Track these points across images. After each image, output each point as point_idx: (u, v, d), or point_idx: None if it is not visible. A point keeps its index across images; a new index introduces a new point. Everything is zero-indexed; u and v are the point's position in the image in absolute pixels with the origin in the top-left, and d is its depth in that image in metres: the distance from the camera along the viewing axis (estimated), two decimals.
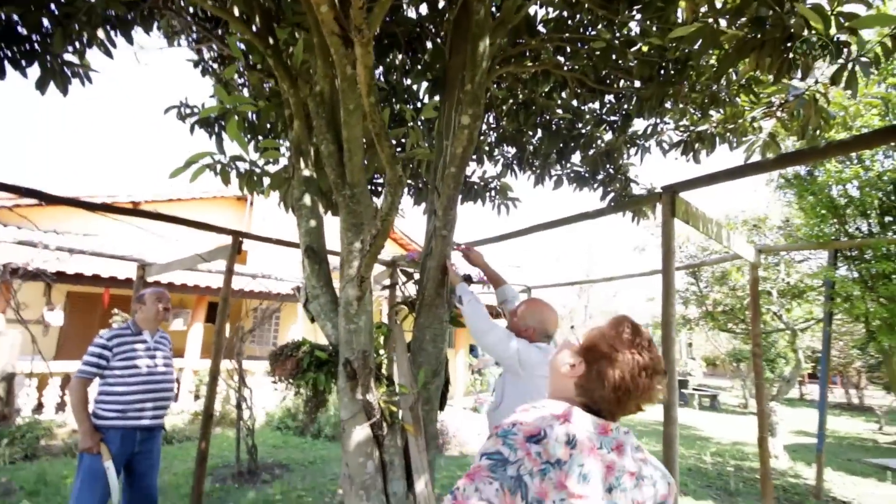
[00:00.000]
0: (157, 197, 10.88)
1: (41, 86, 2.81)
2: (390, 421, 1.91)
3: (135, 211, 3.64)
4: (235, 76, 3.98)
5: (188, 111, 3.66)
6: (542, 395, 1.11)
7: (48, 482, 3.95)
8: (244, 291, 7.05)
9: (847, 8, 1.97)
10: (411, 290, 2.96)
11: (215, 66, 3.92)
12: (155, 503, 2.73)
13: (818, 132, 2.93)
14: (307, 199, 2.31)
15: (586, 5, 2.81)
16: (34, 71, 2.66)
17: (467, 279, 2.40)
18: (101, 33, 2.79)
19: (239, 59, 3.00)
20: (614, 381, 0.92)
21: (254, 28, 2.36)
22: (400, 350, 2.19)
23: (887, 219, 3.95)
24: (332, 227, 2.43)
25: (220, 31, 3.44)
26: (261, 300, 5.62)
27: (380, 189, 3.93)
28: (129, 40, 3.03)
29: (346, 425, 1.85)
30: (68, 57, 2.89)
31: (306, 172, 2.36)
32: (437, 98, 3.47)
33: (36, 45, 2.69)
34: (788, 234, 6.13)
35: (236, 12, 2.33)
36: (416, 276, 2.47)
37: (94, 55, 3.03)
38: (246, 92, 3.84)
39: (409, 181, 3.50)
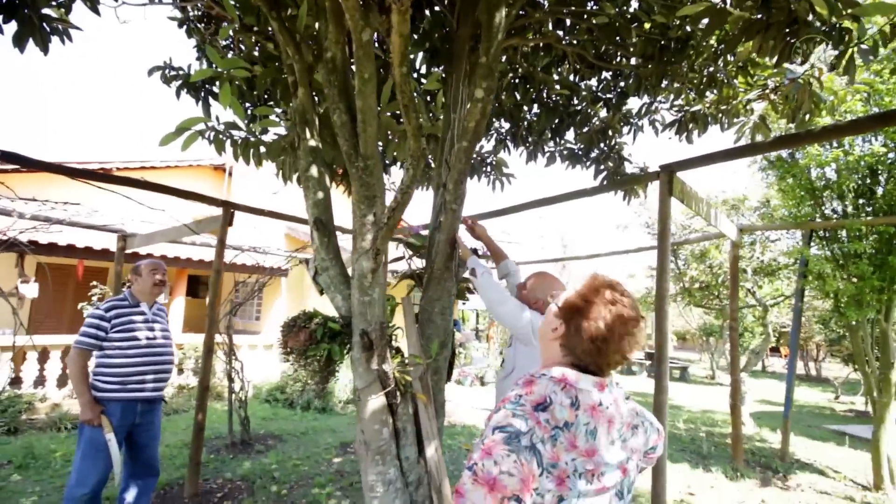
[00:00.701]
0: (128, 164, 10.42)
1: (19, 42, 2.63)
2: (403, 390, 1.96)
3: (123, 179, 3.50)
4: (221, 40, 3.80)
5: (173, 73, 3.49)
6: None
7: (36, 455, 3.90)
8: (229, 264, 6.93)
9: None
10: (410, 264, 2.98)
11: (200, 25, 3.73)
12: (157, 474, 2.74)
13: (808, 116, 3.04)
14: (314, 171, 2.27)
15: None
16: (9, 27, 2.48)
17: (474, 253, 2.44)
18: None
19: (233, 20, 2.86)
20: (591, 332, 0.95)
21: None
22: (409, 322, 2.23)
23: (861, 201, 4.15)
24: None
25: None
26: (249, 273, 5.54)
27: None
28: None
29: (361, 394, 1.90)
30: (47, 11, 2.70)
31: (312, 142, 2.31)
32: (435, 69, 3.41)
33: None
34: (765, 214, 6.38)
35: None
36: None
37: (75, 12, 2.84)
38: (230, 55, 3.67)
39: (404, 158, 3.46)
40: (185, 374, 7.73)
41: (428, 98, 3.78)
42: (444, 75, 3.25)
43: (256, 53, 3.35)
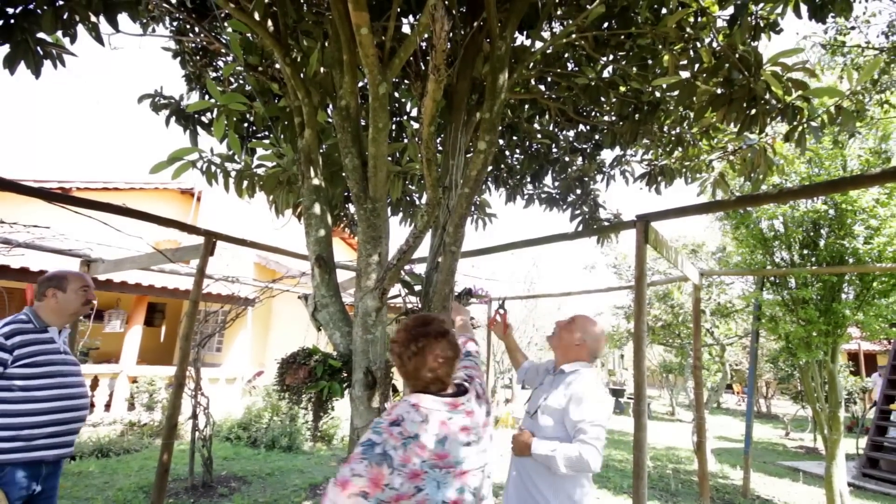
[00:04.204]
0: (90, 184, 9.98)
1: (10, 64, 2.59)
2: None
3: (98, 203, 3.38)
4: (211, 71, 3.86)
5: (163, 102, 3.51)
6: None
7: None
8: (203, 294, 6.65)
9: (794, 75, 2.36)
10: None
11: (197, 57, 3.79)
12: None
13: (762, 177, 3.40)
14: (316, 209, 2.32)
15: (578, 44, 3.08)
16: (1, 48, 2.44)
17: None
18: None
19: (238, 58, 2.95)
20: (396, 364, 1.29)
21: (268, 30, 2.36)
22: None
23: (806, 252, 4.59)
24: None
25: (205, 24, 3.34)
26: (221, 303, 5.37)
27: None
28: (115, 26, 2.87)
29: (360, 433, 1.90)
30: (42, 35, 2.69)
31: (316, 181, 2.38)
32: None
33: (11, 20, 2.49)
34: (722, 259, 6.87)
35: (256, 16, 2.31)
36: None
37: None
38: (219, 88, 3.74)
39: (398, 197, 3.57)
40: (135, 410, 7.22)
41: (416, 138, 3.95)
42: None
43: (248, 88, 3.43)
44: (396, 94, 3.71)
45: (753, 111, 2.45)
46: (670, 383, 14.70)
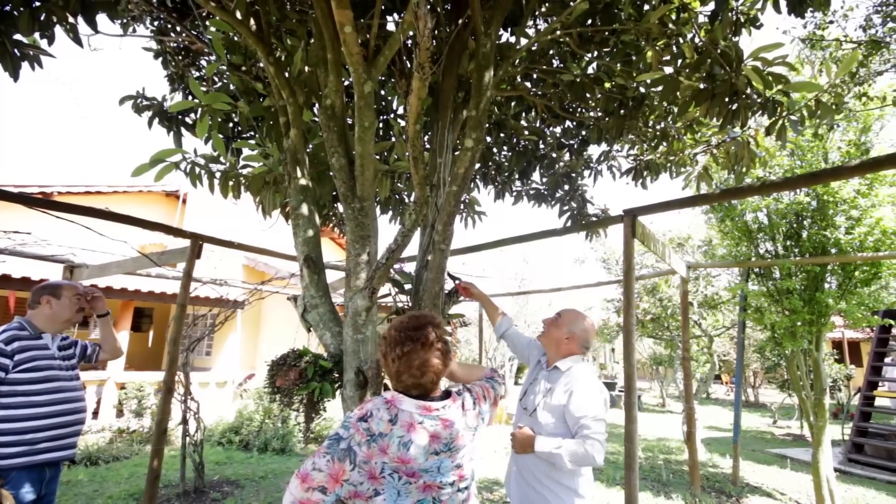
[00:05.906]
0: (71, 188, 9.79)
1: None
2: None
3: (81, 208, 3.32)
4: (194, 71, 3.81)
5: (146, 103, 3.45)
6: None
7: None
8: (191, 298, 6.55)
9: (775, 70, 2.40)
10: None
11: (179, 57, 3.73)
12: None
13: (745, 169, 3.46)
14: (304, 209, 2.31)
15: (563, 40, 3.10)
16: None
17: (458, 291, 2.53)
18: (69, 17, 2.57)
19: (220, 58, 2.91)
20: (383, 364, 1.26)
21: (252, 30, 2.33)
22: None
23: (789, 243, 4.67)
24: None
25: (187, 24, 3.29)
26: (210, 307, 5.30)
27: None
28: (94, 27, 2.82)
29: None
30: (18, 37, 2.63)
31: (303, 181, 2.36)
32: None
33: None
34: (708, 252, 6.98)
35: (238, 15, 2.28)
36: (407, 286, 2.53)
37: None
38: (203, 88, 3.68)
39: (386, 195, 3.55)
40: (124, 416, 7.11)
41: (403, 136, 3.94)
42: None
43: (232, 87, 3.39)
44: (382, 93, 3.69)
45: (735, 105, 2.49)
46: (660, 375, 14.89)
